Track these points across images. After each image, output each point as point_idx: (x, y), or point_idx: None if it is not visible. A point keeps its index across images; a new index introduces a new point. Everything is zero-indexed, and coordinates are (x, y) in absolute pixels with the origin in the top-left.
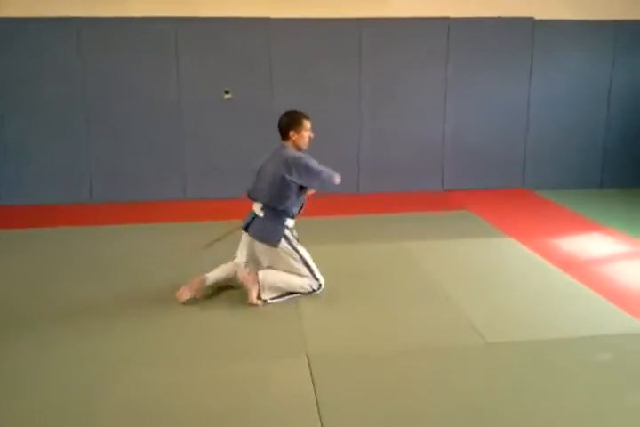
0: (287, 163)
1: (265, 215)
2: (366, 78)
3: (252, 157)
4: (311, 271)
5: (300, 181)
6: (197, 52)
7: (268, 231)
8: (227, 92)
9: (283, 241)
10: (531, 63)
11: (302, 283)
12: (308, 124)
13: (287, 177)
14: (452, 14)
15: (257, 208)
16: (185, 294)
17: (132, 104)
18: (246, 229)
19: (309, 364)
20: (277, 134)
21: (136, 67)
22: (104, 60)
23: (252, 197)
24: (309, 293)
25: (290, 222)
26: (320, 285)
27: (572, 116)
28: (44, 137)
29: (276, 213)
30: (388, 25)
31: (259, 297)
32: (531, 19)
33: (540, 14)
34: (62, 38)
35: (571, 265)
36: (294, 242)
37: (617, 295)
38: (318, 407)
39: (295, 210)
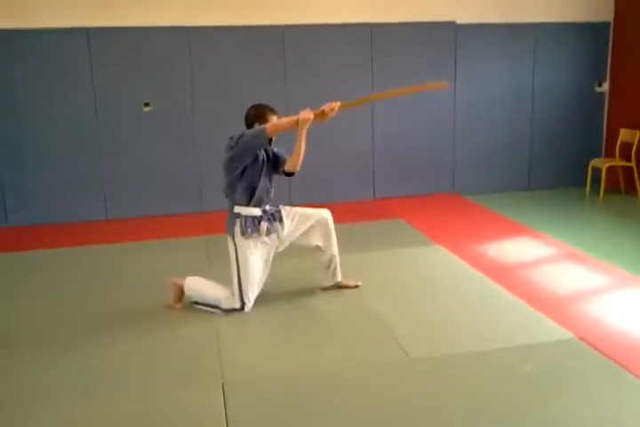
0: (225, 146)
1: (228, 208)
2: (291, 86)
3: (173, 172)
4: (240, 289)
5: (231, 154)
6: (113, 64)
7: (229, 224)
8: (147, 105)
9: (233, 240)
10: (455, 67)
11: (220, 296)
12: (274, 118)
13: (226, 157)
14: (375, 20)
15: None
16: None
17: (45, 119)
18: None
19: (224, 390)
20: (200, 146)
21: (47, 80)
22: (11, 73)
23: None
24: (227, 310)
25: (249, 211)
26: (242, 308)
27: (497, 119)
28: None
29: (230, 203)
30: (310, 31)
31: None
32: (453, 23)
33: (462, 18)
34: None
35: (499, 272)
36: (246, 250)
37: (543, 302)
38: None
39: (247, 198)
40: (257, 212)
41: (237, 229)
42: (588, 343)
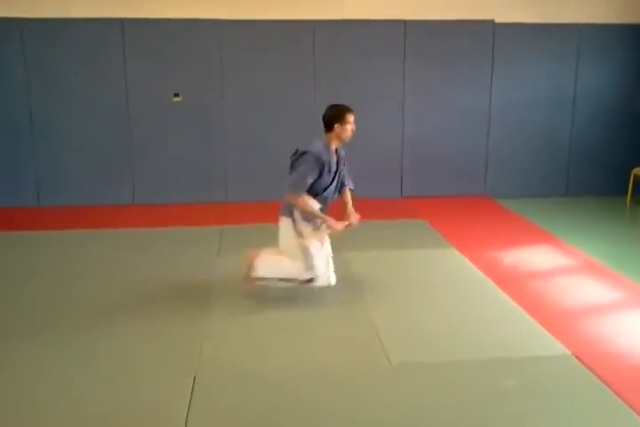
0: (297, 151)
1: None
2: (321, 82)
3: (200, 161)
4: (308, 261)
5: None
6: (146, 55)
7: (282, 207)
8: (176, 95)
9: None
10: (492, 67)
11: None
12: (351, 117)
13: (291, 160)
14: (410, 17)
15: None
16: None
17: (79, 107)
18: None
19: (194, 383)
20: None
21: (82, 70)
22: (48, 61)
23: None
24: (304, 282)
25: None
26: (317, 276)
27: (535, 122)
28: None
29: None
30: (342, 27)
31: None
32: (491, 22)
33: (501, 17)
34: (6, 39)
35: (509, 280)
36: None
37: (546, 315)
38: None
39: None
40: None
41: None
42: (582, 362)
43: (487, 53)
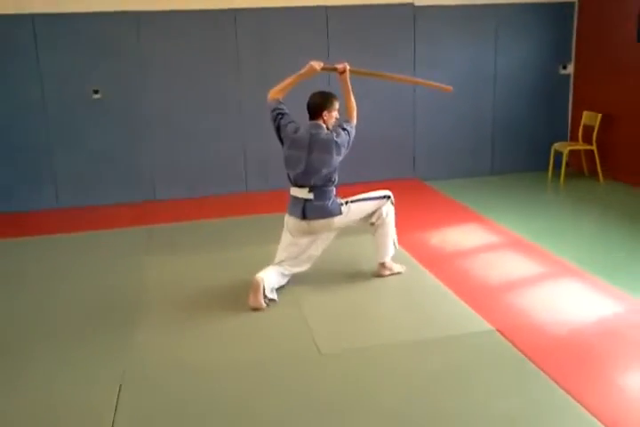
0: (337, 144)
1: (317, 195)
2: (245, 72)
3: (126, 158)
4: (376, 197)
5: (346, 142)
6: (60, 50)
7: (330, 206)
8: (96, 92)
9: (333, 220)
10: (414, 50)
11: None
12: (337, 104)
13: (339, 158)
14: (330, 2)
15: (302, 193)
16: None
17: None
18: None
19: (123, 378)
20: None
21: None
22: None
23: (300, 184)
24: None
25: None
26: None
27: (458, 103)
28: None
29: (328, 188)
30: (263, 14)
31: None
32: (411, 4)
33: (421, 0)
34: None
35: (435, 260)
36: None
37: (471, 293)
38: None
39: None
40: None
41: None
42: (505, 337)
43: (408, 36)
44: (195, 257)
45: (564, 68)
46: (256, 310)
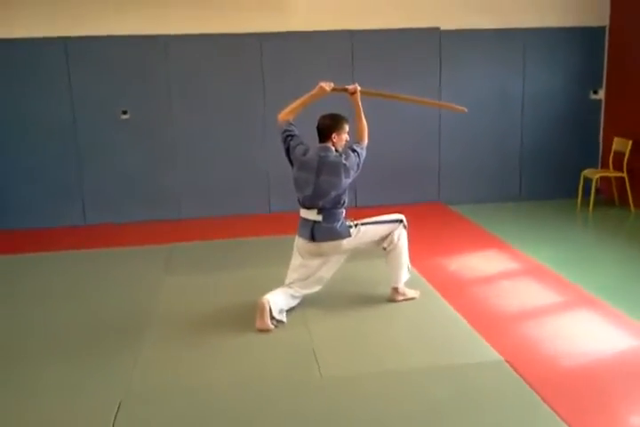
0: (346, 167)
1: (325, 217)
2: (270, 94)
3: (152, 177)
4: (388, 220)
5: (356, 164)
6: (91, 73)
7: (338, 228)
8: (124, 113)
9: (342, 242)
10: (439, 75)
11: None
12: (347, 127)
13: (348, 180)
14: (355, 26)
15: (311, 215)
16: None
17: (25, 127)
18: (313, 239)
19: (119, 407)
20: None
21: (26, 89)
22: None
23: (308, 206)
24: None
25: None
26: (403, 219)
27: (485, 128)
28: None
29: (337, 210)
30: (288, 39)
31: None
32: (437, 29)
33: (447, 24)
34: None
35: (452, 287)
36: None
37: (484, 321)
38: None
39: None
40: None
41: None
42: (514, 368)
43: (434, 61)
44: (213, 276)
45: (595, 93)
46: (263, 331)
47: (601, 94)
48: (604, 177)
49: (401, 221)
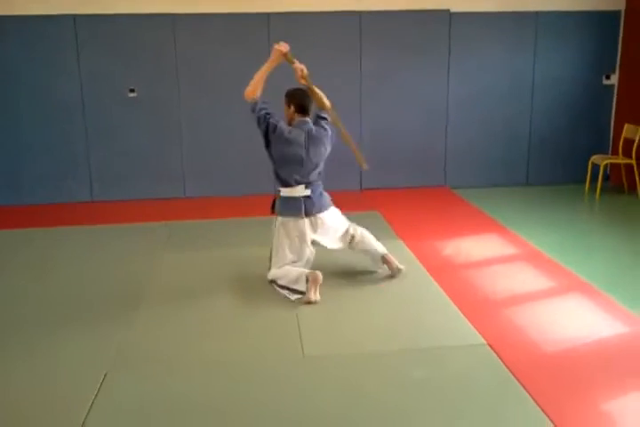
0: (329, 136)
1: (313, 191)
2: (277, 74)
3: (158, 156)
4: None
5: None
6: (99, 50)
7: (326, 198)
8: (132, 91)
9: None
10: (448, 57)
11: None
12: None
13: (329, 148)
14: (363, 8)
15: (299, 191)
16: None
17: (33, 105)
18: (307, 214)
19: (104, 377)
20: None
21: (35, 66)
22: (2, 59)
23: (298, 182)
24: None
25: None
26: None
27: (494, 111)
28: None
29: (319, 182)
30: (296, 20)
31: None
32: (447, 11)
33: (457, 6)
34: None
35: (445, 270)
36: None
37: (472, 305)
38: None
39: None
40: None
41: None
42: (495, 352)
43: (444, 43)
44: (211, 253)
45: (608, 78)
46: (311, 303)
47: (613, 80)
48: (614, 164)
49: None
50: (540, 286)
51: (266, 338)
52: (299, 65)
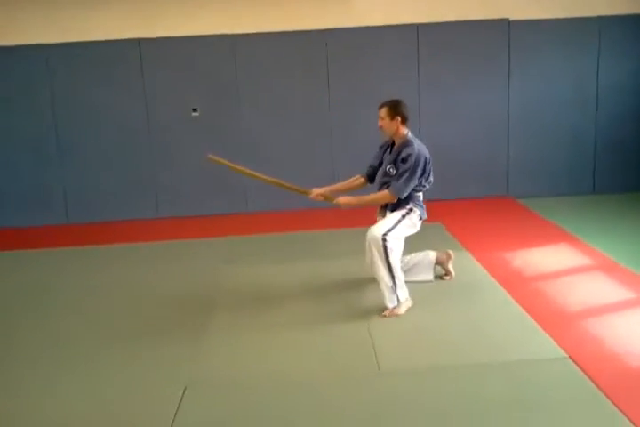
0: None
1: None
2: (335, 90)
3: (221, 173)
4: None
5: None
6: (163, 72)
7: None
8: (194, 110)
9: None
10: (508, 66)
11: None
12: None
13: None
14: (421, 20)
15: None
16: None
17: (101, 125)
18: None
19: (184, 391)
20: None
21: (103, 89)
22: (71, 83)
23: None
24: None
25: None
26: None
27: (557, 119)
28: (15, 160)
29: None
30: (354, 35)
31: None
32: (505, 20)
33: (516, 15)
34: (33, 64)
35: (517, 282)
36: None
37: (549, 317)
38: None
39: None
40: None
41: None
42: (578, 366)
43: (503, 53)
44: (276, 267)
45: None
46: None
47: None
48: None
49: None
50: (618, 297)
51: (339, 352)
52: (338, 201)
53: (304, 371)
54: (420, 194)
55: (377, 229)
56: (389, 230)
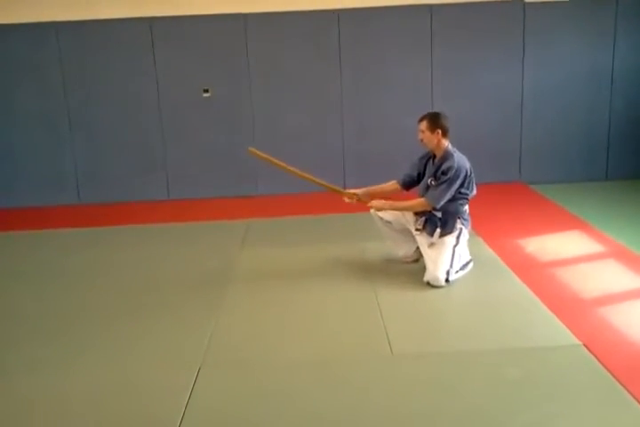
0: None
1: None
2: (346, 72)
3: (231, 154)
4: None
5: None
6: (174, 52)
7: None
8: (206, 91)
9: None
10: (523, 49)
11: None
12: (418, 125)
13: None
14: (435, 1)
15: None
16: None
17: (112, 105)
18: None
19: (199, 372)
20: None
21: (114, 68)
22: (81, 62)
23: None
24: None
25: None
26: None
27: (571, 104)
28: (27, 140)
29: None
30: (366, 15)
31: None
32: (520, 1)
33: None
34: (42, 42)
35: (530, 268)
36: None
37: (563, 304)
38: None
39: None
40: None
41: None
42: (592, 353)
43: (517, 35)
44: (289, 250)
45: None
46: None
47: None
48: None
49: None
50: (631, 284)
51: (352, 335)
52: (372, 204)
53: (316, 354)
54: (467, 207)
55: (437, 272)
56: (451, 267)
